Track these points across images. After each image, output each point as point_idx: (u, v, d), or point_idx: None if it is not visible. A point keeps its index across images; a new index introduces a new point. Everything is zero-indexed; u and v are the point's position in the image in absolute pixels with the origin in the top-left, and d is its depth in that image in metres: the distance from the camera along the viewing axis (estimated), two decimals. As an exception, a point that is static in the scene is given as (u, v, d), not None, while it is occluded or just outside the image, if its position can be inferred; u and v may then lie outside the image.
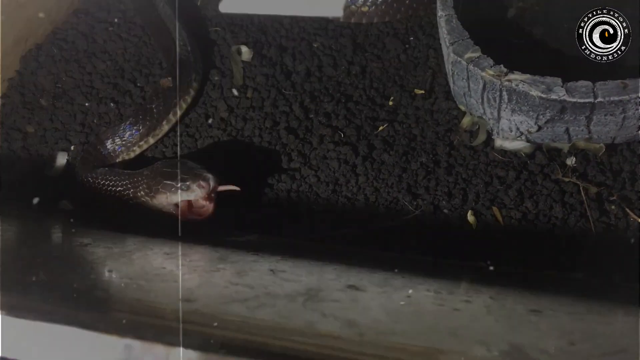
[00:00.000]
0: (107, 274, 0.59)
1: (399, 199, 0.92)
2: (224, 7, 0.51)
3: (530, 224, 0.87)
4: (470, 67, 0.90)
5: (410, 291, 0.58)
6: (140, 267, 0.62)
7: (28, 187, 1.03)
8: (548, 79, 0.86)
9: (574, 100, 0.84)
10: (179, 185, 0.86)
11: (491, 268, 0.78)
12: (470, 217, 0.88)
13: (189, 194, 0.85)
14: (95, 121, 1.09)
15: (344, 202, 0.94)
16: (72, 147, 1.06)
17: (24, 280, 0.56)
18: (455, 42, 0.93)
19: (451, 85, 0.99)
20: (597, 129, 0.88)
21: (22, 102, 1.13)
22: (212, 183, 0.85)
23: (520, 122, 0.90)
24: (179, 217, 0.86)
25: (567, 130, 0.89)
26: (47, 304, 0.50)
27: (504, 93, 0.88)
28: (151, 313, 0.50)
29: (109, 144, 1.02)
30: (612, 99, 0.83)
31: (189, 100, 1.08)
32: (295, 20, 1.21)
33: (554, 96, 0.84)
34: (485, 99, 0.91)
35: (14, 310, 0.46)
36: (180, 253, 0.67)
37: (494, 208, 0.89)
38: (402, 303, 0.55)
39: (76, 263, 0.63)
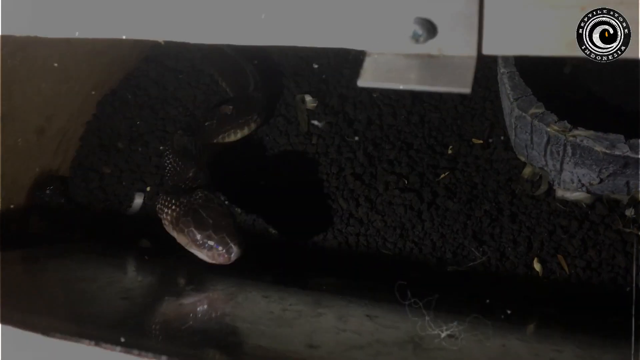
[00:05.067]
0: (227, 319, 0.63)
1: (465, 245, 0.97)
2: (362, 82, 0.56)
3: (595, 273, 0.91)
4: (535, 122, 0.95)
5: (503, 340, 0.62)
6: (251, 312, 0.67)
7: (107, 226, 1.09)
8: (611, 136, 0.91)
9: (637, 156, 0.89)
10: (201, 242, 0.80)
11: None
12: (536, 265, 0.92)
13: (205, 254, 0.80)
14: (169, 164, 1.15)
15: (412, 246, 0.98)
16: (147, 188, 1.12)
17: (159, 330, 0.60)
18: (519, 98, 0.98)
19: (512, 137, 1.05)
20: (657, 182, 0.93)
21: (100, 145, 1.20)
22: (233, 258, 0.79)
23: (583, 175, 0.95)
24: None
25: (627, 183, 0.94)
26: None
27: (568, 147, 0.93)
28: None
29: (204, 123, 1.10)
30: (673, 155, 0.88)
31: (239, 134, 1.14)
32: (354, 71, 1.27)
33: (617, 152, 0.89)
34: (548, 152, 0.97)
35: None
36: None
37: (559, 256, 0.93)
38: (500, 352, 0.59)
39: (195, 307, 0.68)
